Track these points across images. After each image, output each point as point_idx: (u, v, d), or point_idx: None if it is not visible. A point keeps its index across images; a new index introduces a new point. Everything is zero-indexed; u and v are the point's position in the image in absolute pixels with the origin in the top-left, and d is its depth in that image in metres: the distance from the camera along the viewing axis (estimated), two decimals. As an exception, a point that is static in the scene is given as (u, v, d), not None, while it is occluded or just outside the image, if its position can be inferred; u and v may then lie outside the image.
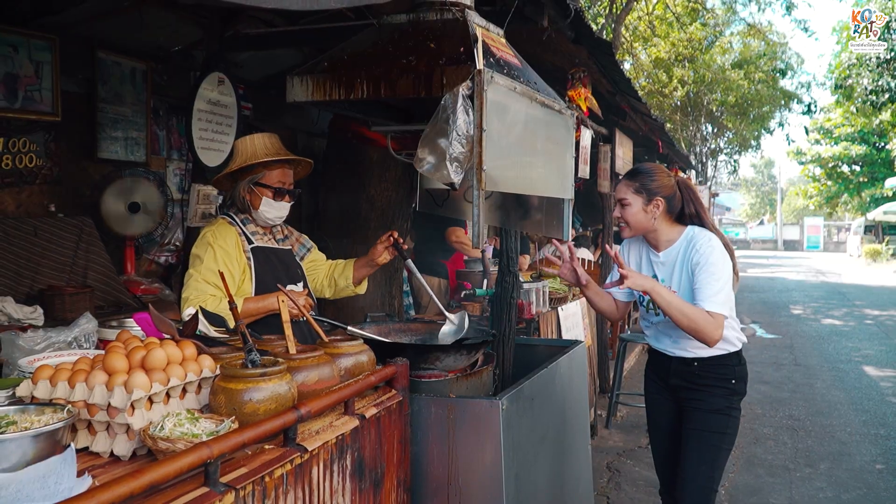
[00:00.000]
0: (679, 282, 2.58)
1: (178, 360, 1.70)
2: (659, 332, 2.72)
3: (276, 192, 2.63)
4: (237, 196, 2.65)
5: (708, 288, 2.46)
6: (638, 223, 2.64)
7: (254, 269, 2.58)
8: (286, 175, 2.68)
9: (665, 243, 2.66)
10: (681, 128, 19.42)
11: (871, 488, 4.40)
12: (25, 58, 3.98)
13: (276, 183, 2.64)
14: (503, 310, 3.09)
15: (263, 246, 2.66)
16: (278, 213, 2.67)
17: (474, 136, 2.07)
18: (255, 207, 2.64)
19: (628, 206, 2.63)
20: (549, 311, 4.71)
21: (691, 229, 2.64)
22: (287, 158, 2.66)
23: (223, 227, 2.60)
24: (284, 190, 2.65)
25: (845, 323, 11.97)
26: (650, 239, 2.69)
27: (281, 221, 2.74)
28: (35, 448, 1.38)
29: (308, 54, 4.79)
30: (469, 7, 2.45)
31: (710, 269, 2.49)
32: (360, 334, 2.42)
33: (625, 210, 2.64)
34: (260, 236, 2.68)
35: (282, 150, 2.66)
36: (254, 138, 2.64)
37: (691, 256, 2.55)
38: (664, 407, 2.78)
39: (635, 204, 2.62)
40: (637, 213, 2.62)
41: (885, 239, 28.88)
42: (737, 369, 2.64)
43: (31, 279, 3.88)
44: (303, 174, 2.84)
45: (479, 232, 2.14)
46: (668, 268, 2.63)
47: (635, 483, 4.39)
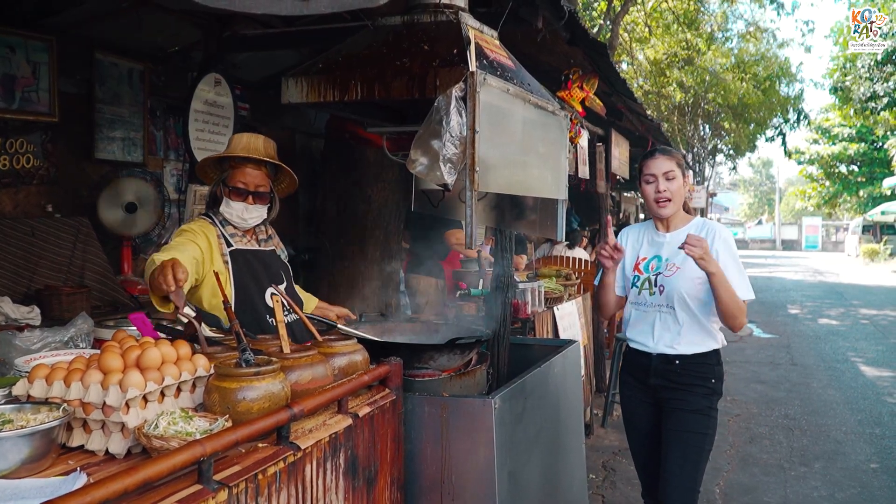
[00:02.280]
0: (685, 258, 2.54)
1: (173, 360, 1.71)
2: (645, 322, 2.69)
3: (232, 190, 2.52)
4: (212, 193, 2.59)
5: (740, 277, 2.55)
6: (681, 198, 2.67)
7: (232, 272, 2.50)
8: (248, 176, 2.53)
9: (679, 223, 2.69)
10: (678, 128, 19.45)
11: (866, 487, 4.42)
12: (23, 59, 3.99)
13: (237, 182, 2.52)
14: (498, 309, 3.11)
15: (243, 248, 2.58)
16: (238, 214, 2.54)
17: (467, 138, 2.09)
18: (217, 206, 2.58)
19: (674, 179, 2.63)
20: (544, 310, 4.73)
21: (700, 218, 2.72)
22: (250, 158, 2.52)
23: (200, 221, 2.55)
24: (244, 191, 2.52)
25: (842, 322, 12.00)
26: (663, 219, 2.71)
27: (246, 224, 2.59)
28: (31, 446, 1.41)
29: (306, 55, 4.81)
30: (463, 9, 2.47)
31: (736, 257, 2.57)
32: (353, 333, 2.43)
33: (671, 183, 2.63)
34: (239, 238, 2.58)
35: (257, 152, 2.54)
36: (242, 136, 2.57)
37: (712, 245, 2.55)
38: (643, 409, 2.77)
39: (679, 177, 2.64)
40: (681, 186, 2.65)
41: (883, 239, 28.94)
42: (716, 369, 2.66)
43: (29, 279, 3.90)
44: (288, 190, 2.73)
45: (472, 232, 2.16)
46: (673, 248, 2.63)
47: (630, 482, 4.41)
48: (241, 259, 2.55)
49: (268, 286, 2.57)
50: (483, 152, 2.12)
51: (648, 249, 2.73)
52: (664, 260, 2.66)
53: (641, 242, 2.77)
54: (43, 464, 1.45)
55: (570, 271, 6.02)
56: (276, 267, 2.69)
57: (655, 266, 2.68)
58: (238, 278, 2.51)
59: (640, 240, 2.78)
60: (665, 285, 2.63)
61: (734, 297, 2.50)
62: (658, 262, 2.68)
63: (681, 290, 2.59)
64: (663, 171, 2.63)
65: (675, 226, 2.69)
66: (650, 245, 2.73)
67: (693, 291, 2.58)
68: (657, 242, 2.71)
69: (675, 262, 2.61)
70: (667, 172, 2.63)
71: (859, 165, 30.56)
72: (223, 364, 1.68)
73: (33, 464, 1.42)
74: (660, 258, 2.68)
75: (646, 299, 2.69)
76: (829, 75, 24.92)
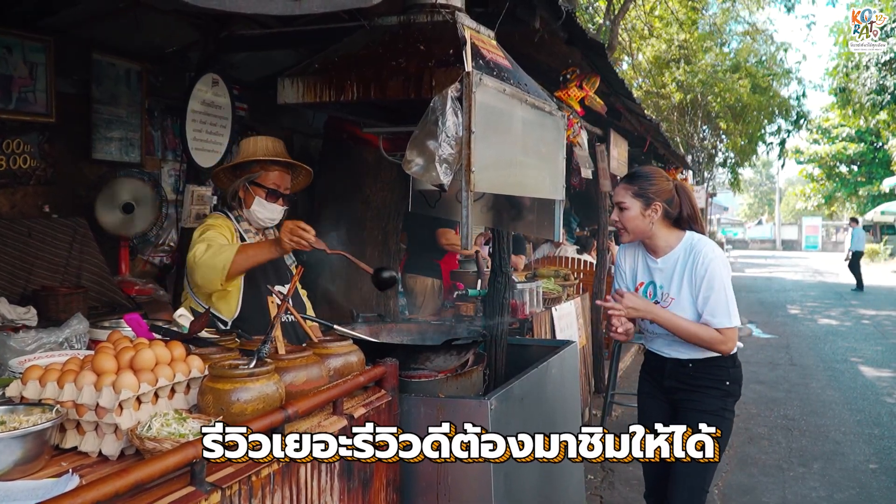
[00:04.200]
0: (679, 289, 2.56)
1: (167, 361, 1.71)
2: (654, 334, 2.70)
3: (269, 192, 2.68)
4: (233, 193, 2.72)
5: (720, 306, 2.47)
6: (636, 228, 2.61)
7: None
8: (282, 179, 2.72)
9: (663, 249, 2.63)
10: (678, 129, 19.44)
11: (864, 487, 4.42)
12: (20, 59, 3.99)
13: (271, 184, 2.68)
14: (495, 310, 3.10)
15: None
16: (269, 214, 2.71)
17: (463, 138, 2.08)
18: (247, 206, 2.70)
19: (626, 209, 2.60)
20: (542, 311, 4.72)
21: (691, 236, 2.63)
22: (284, 161, 2.71)
23: (219, 217, 2.70)
24: (278, 192, 2.69)
25: (842, 323, 11.99)
26: (648, 244, 2.66)
27: (272, 224, 2.77)
28: (23, 448, 1.40)
29: (304, 55, 4.80)
30: (459, 9, 2.46)
31: (719, 283, 2.49)
32: (349, 334, 2.43)
33: (623, 214, 2.61)
34: (252, 235, 2.72)
35: (282, 154, 2.72)
36: (258, 139, 2.70)
37: (696, 268, 2.52)
38: (658, 409, 2.75)
39: (633, 208, 2.59)
40: (635, 217, 2.59)
41: (883, 239, 28.95)
42: (731, 371, 2.63)
43: (25, 280, 3.89)
44: (301, 185, 2.89)
45: (467, 233, 2.16)
46: (666, 274, 2.61)
47: (629, 482, 4.41)
48: None
49: (275, 283, 2.61)
50: (479, 153, 2.11)
51: (644, 274, 2.70)
52: (659, 287, 2.62)
53: (637, 263, 2.74)
54: (36, 465, 1.44)
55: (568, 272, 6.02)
56: (283, 268, 2.79)
57: (652, 294, 2.66)
58: (249, 273, 2.59)
59: (636, 260, 2.74)
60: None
61: (691, 330, 2.47)
62: (654, 290, 2.65)
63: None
64: (616, 201, 2.64)
65: (663, 250, 2.64)
66: (644, 270, 2.70)
67: (693, 317, 2.54)
68: (651, 268, 2.67)
69: (671, 293, 2.58)
70: (619, 203, 2.62)
71: (859, 165, 30.57)
72: (217, 365, 1.68)
73: (26, 465, 1.41)
74: (655, 285, 2.64)
75: (647, 325, 2.66)
76: (831, 75, 24.93)
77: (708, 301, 2.49)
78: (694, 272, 2.53)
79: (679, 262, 2.59)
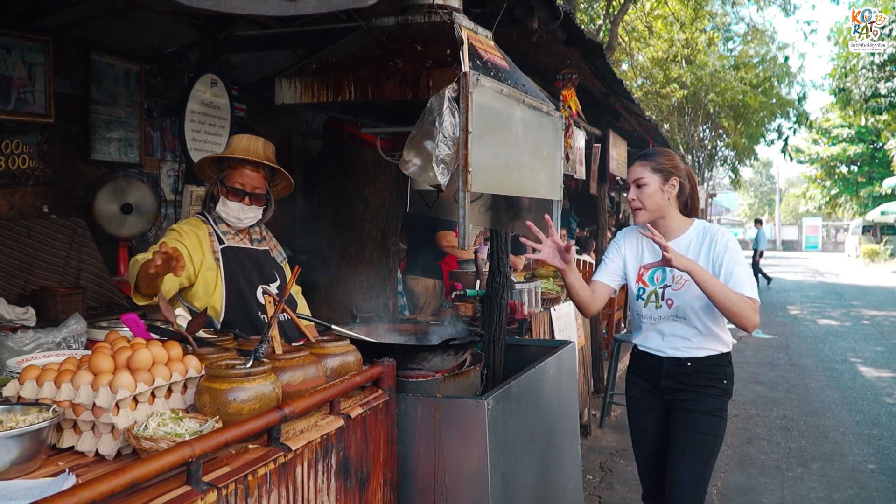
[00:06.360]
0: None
1: (164, 361, 1.71)
2: (654, 329, 2.64)
3: (230, 190, 2.56)
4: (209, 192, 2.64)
5: (744, 278, 2.43)
6: (654, 204, 2.54)
7: (223, 268, 2.53)
8: (251, 178, 2.57)
9: (674, 231, 2.58)
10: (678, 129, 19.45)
11: (863, 488, 4.42)
12: (18, 59, 3.99)
13: (236, 183, 2.56)
14: (493, 310, 3.10)
15: (235, 246, 2.61)
16: (234, 213, 2.59)
17: (460, 138, 2.09)
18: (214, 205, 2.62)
19: (645, 185, 2.53)
20: (541, 311, 4.72)
21: (701, 222, 2.61)
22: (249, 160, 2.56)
23: (192, 220, 2.60)
24: (241, 192, 2.56)
25: (842, 323, 11.99)
26: (659, 226, 2.58)
27: (245, 225, 2.64)
28: (20, 447, 1.40)
29: (302, 55, 4.81)
30: (457, 10, 2.47)
31: (739, 257, 2.48)
32: (347, 334, 2.43)
33: (641, 191, 2.54)
34: (232, 236, 2.61)
35: (259, 155, 2.58)
36: (242, 137, 2.60)
37: (715, 246, 2.49)
38: (650, 410, 2.72)
39: (652, 183, 2.53)
40: (654, 192, 2.53)
41: (884, 239, 28.94)
42: (728, 370, 2.62)
43: (24, 280, 3.89)
44: (283, 192, 2.76)
45: (465, 233, 2.16)
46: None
47: (627, 483, 4.41)
48: (232, 256, 2.58)
49: (259, 284, 2.58)
50: (476, 153, 2.11)
51: (651, 256, 2.61)
52: (669, 271, 2.55)
53: (642, 249, 2.66)
54: (32, 465, 1.44)
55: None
56: (268, 266, 2.70)
57: (661, 278, 2.59)
58: (229, 275, 2.54)
59: (640, 246, 2.67)
60: (674, 299, 2.56)
61: (727, 294, 2.37)
62: (664, 274, 2.58)
63: (692, 303, 2.52)
64: (634, 178, 2.58)
65: (675, 233, 2.58)
66: (652, 254, 2.61)
67: (704, 302, 2.48)
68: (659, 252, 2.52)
69: (683, 275, 2.49)
70: (637, 179, 2.56)
71: (859, 166, 30.57)
72: (214, 365, 1.68)
73: (23, 465, 1.42)
74: (664, 269, 2.56)
75: (652, 312, 2.61)
76: (831, 75, 24.93)
77: (733, 273, 2.43)
78: (713, 250, 2.50)
79: (693, 245, 2.55)
